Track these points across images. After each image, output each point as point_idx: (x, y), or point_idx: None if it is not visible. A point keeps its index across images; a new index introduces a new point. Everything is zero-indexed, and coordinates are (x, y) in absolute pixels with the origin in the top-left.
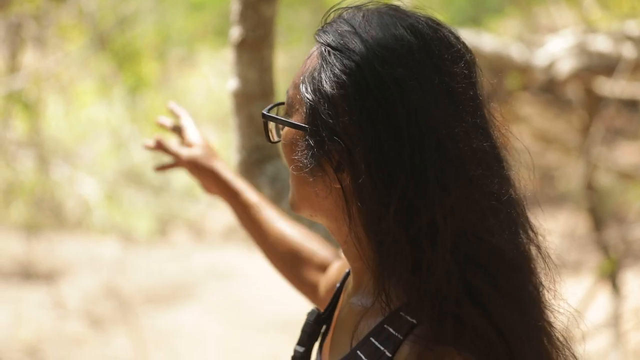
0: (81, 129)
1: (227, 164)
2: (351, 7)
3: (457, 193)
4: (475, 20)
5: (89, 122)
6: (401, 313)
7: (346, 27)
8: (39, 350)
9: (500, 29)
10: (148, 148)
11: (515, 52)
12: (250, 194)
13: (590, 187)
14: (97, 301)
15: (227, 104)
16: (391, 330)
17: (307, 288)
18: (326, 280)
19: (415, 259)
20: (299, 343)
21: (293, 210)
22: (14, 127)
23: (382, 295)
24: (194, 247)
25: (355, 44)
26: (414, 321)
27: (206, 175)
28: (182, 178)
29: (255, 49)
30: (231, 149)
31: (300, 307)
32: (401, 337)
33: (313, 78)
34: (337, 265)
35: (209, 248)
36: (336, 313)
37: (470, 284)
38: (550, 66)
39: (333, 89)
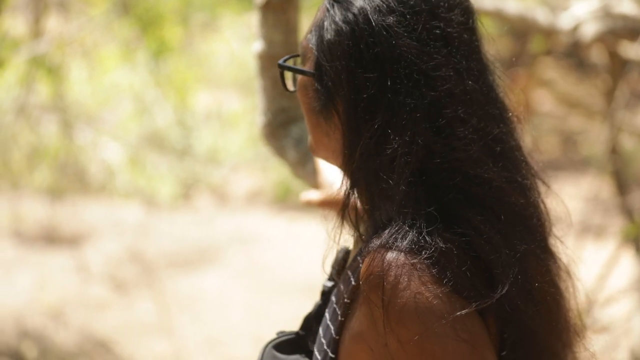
0: (104, 94)
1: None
2: None
3: (443, 130)
4: None
5: (112, 86)
6: (369, 245)
7: None
8: (62, 314)
9: None
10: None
11: (540, 15)
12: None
13: (614, 151)
14: (121, 265)
15: (250, 69)
16: (359, 260)
17: None
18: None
19: (380, 189)
20: (329, 279)
21: (312, 154)
22: (37, 92)
23: (354, 228)
24: (217, 212)
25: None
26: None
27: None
28: (204, 143)
29: (280, 10)
30: (256, 113)
31: (322, 271)
32: (360, 259)
33: (318, 27)
34: None
35: (232, 213)
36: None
37: (447, 212)
38: (574, 29)
39: (331, 37)
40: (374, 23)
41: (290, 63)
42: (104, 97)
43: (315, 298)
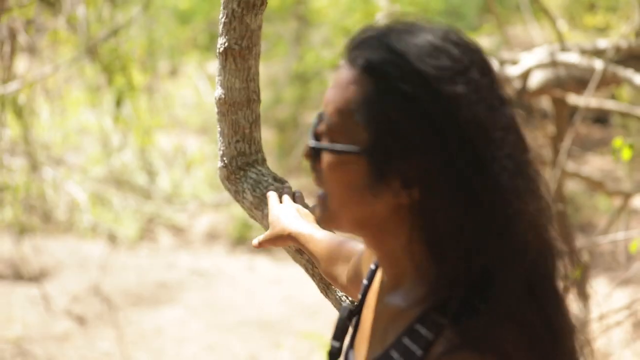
0: (71, 135)
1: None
2: (373, 28)
3: (525, 206)
4: None
5: (78, 128)
6: (432, 314)
7: (387, 47)
8: (26, 349)
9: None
10: (256, 247)
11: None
12: (307, 234)
13: (560, 198)
14: (84, 301)
15: (212, 112)
16: (422, 331)
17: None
18: (353, 269)
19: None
20: (334, 337)
21: (325, 226)
22: (5, 132)
23: (424, 300)
24: (178, 250)
25: (405, 64)
26: (444, 322)
27: (290, 242)
28: (167, 183)
29: (240, 59)
30: (215, 155)
31: (281, 309)
32: (431, 338)
33: (373, 103)
34: (364, 257)
35: (192, 251)
36: (366, 309)
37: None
38: (523, 79)
39: (401, 112)
40: (442, 93)
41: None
42: (70, 138)
43: (271, 335)
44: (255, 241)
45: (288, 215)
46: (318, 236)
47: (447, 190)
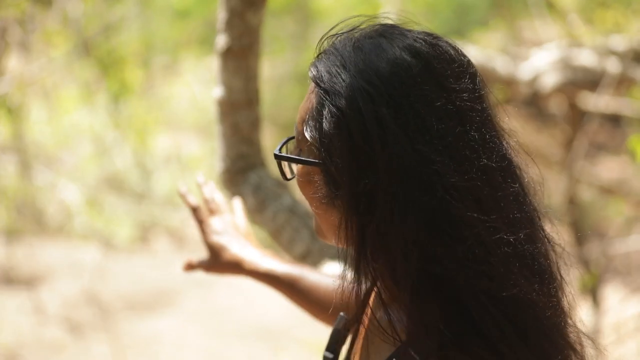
0: (64, 135)
1: (253, 248)
2: (344, 33)
3: (456, 229)
4: (460, 32)
5: (72, 127)
6: (410, 349)
7: (336, 62)
8: (18, 356)
9: (484, 42)
10: (187, 270)
11: (500, 64)
12: (290, 269)
13: (572, 202)
14: (77, 307)
15: (210, 113)
16: (412, 353)
17: None
18: None
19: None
20: (328, 349)
21: (320, 239)
22: None
23: (388, 327)
24: (174, 255)
25: (343, 82)
26: (433, 345)
27: (241, 274)
28: (164, 186)
29: (240, 57)
30: (215, 157)
31: (280, 316)
32: None
33: (314, 116)
34: None
35: (189, 255)
36: (364, 321)
37: (478, 326)
38: (534, 80)
39: (330, 128)
40: (365, 116)
41: (284, 148)
42: (63, 138)
43: (270, 343)
44: (188, 262)
45: (253, 252)
46: (311, 277)
47: (372, 208)
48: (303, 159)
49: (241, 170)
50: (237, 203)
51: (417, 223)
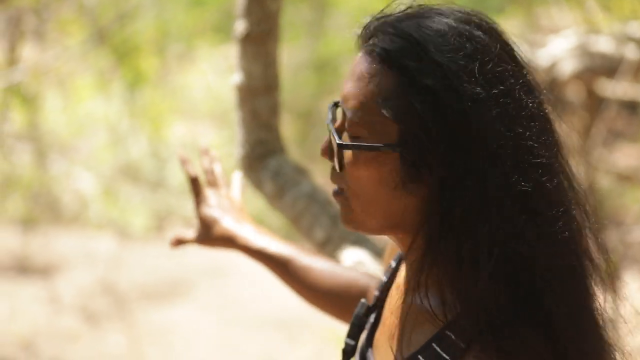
0: (79, 124)
1: (249, 226)
2: (388, 14)
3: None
4: None
5: (87, 116)
6: (463, 322)
7: (410, 41)
8: (33, 345)
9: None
10: (174, 246)
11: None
12: (283, 248)
13: (589, 189)
14: (93, 297)
15: (226, 101)
16: (453, 337)
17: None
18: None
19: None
20: (349, 335)
21: (351, 229)
22: (12, 121)
23: (449, 306)
24: (190, 244)
25: (426, 62)
26: (476, 330)
27: (233, 249)
28: (178, 175)
29: (260, 43)
30: (231, 145)
31: (295, 306)
32: (464, 346)
33: (398, 96)
34: (385, 256)
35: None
36: (388, 307)
37: (536, 304)
38: (551, 67)
39: (422, 106)
40: (468, 91)
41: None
42: (78, 127)
43: (285, 333)
44: (178, 237)
45: (247, 227)
46: (305, 258)
47: (468, 188)
48: (376, 145)
49: (260, 156)
50: (236, 177)
51: (513, 205)
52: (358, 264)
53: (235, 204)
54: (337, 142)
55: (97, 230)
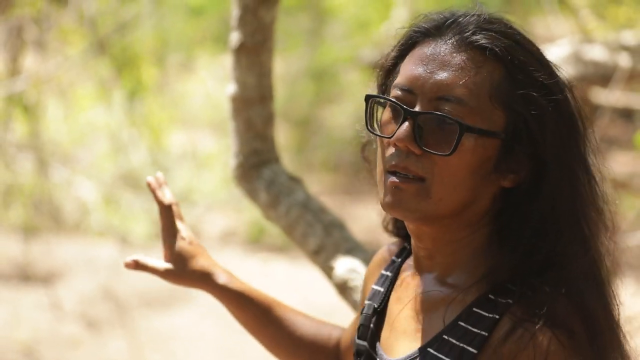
0: (80, 133)
1: (219, 270)
2: (471, 14)
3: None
4: None
5: (87, 125)
6: (490, 296)
7: (507, 34)
8: (35, 352)
9: None
10: (128, 267)
11: None
12: (266, 294)
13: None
14: (94, 303)
15: (225, 109)
16: (483, 312)
17: None
18: (344, 342)
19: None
20: (360, 337)
21: (417, 220)
22: (13, 130)
23: (482, 283)
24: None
25: (526, 52)
26: (509, 301)
27: (204, 289)
28: (179, 183)
29: (254, 53)
30: (229, 154)
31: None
32: (497, 317)
33: (511, 87)
34: (366, 277)
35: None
36: (394, 306)
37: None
38: None
39: (534, 99)
40: (564, 82)
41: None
42: (79, 136)
43: None
44: (135, 259)
45: (222, 268)
46: (287, 307)
47: (560, 177)
48: (493, 131)
49: (255, 166)
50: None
51: (592, 192)
52: (351, 271)
53: (198, 243)
54: (460, 123)
55: (98, 238)
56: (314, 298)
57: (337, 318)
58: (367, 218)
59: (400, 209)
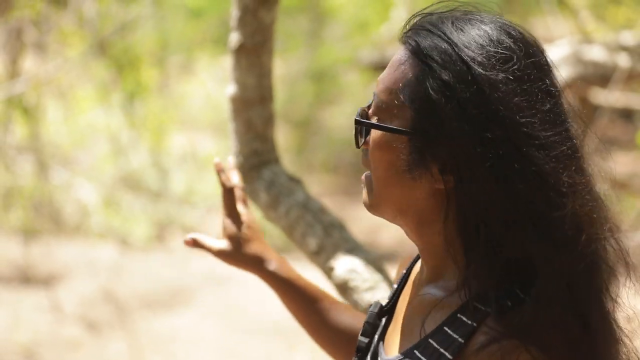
0: (80, 134)
1: (274, 256)
2: (434, 13)
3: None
4: None
5: (87, 127)
6: (475, 303)
7: (438, 36)
8: (35, 354)
9: None
10: (187, 245)
11: None
12: (313, 285)
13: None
14: (95, 305)
15: (225, 110)
16: (464, 319)
17: None
18: None
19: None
20: (363, 334)
21: (371, 212)
22: (13, 132)
23: (464, 290)
24: (191, 253)
25: (448, 55)
26: (488, 310)
27: (255, 273)
28: (179, 184)
29: (254, 54)
30: (229, 155)
31: None
32: (474, 325)
33: (417, 84)
34: (397, 270)
35: (206, 254)
36: (400, 305)
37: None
38: None
39: (440, 96)
40: (482, 80)
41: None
42: (79, 138)
43: (287, 339)
44: (195, 238)
45: (275, 254)
46: (333, 299)
47: (481, 178)
48: (395, 127)
49: (255, 166)
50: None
51: (524, 188)
52: (351, 272)
53: (258, 228)
54: (355, 118)
55: (99, 240)
56: None
57: None
58: (367, 219)
59: (363, 201)
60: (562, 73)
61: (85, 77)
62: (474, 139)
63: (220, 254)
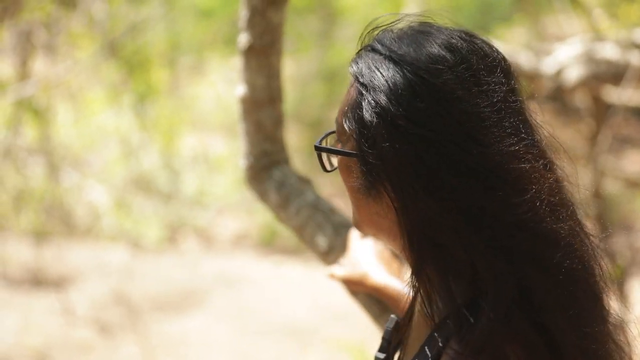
0: (91, 137)
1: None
2: (382, 29)
3: (505, 207)
4: (484, 28)
5: (98, 129)
6: (448, 321)
7: (375, 57)
8: (47, 357)
9: (508, 37)
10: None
11: (524, 59)
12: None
13: (597, 195)
14: (106, 308)
15: (235, 112)
16: (438, 337)
17: None
18: None
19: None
20: (380, 350)
21: (358, 231)
22: (24, 134)
23: (427, 306)
24: (202, 255)
25: (382, 77)
26: (452, 330)
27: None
28: (191, 186)
29: (262, 55)
30: (239, 156)
31: (306, 314)
32: (441, 345)
33: (354, 108)
34: None
35: (217, 255)
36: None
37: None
38: (558, 74)
39: (371, 119)
40: (412, 105)
41: (324, 141)
42: (90, 140)
43: (298, 341)
44: (331, 272)
45: (370, 261)
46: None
47: (418, 196)
48: (340, 150)
49: (265, 167)
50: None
51: (477, 200)
52: None
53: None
54: (315, 144)
55: (110, 242)
56: (325, 300)
57: (350, 321)
58: None
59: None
60: (575, 71)
61: (95, 78)
62: (408, 158)
63: (341, 280)
